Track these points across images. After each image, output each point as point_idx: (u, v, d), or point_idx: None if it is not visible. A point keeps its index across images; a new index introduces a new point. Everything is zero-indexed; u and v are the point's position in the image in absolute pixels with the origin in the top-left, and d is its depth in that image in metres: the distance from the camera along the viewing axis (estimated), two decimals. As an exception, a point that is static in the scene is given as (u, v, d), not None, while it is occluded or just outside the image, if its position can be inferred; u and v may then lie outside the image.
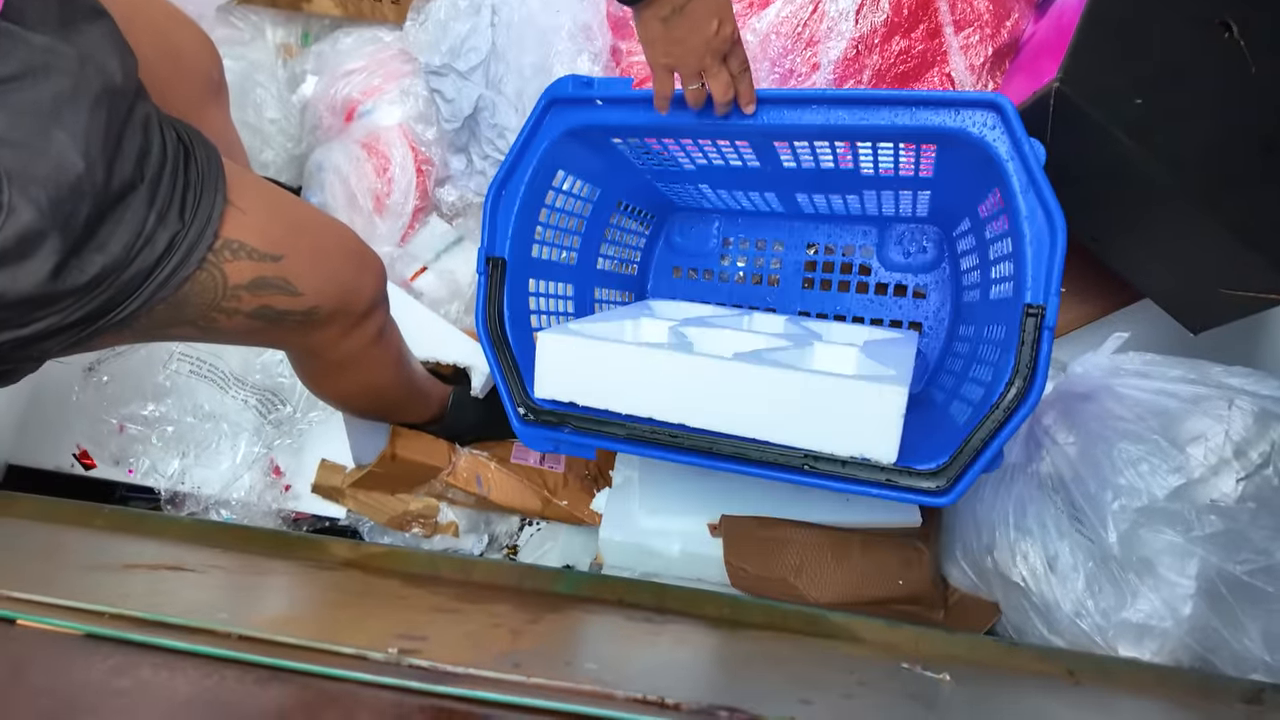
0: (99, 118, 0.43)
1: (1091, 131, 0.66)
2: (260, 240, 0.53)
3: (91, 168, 0.43)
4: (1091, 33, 0.67)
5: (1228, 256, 0.67)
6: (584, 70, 0.85)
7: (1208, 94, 0.70)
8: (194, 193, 0.49)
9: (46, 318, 0.45)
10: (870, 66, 0.84)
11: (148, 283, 0.48)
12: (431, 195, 1.05)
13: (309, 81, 1.05)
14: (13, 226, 0.41)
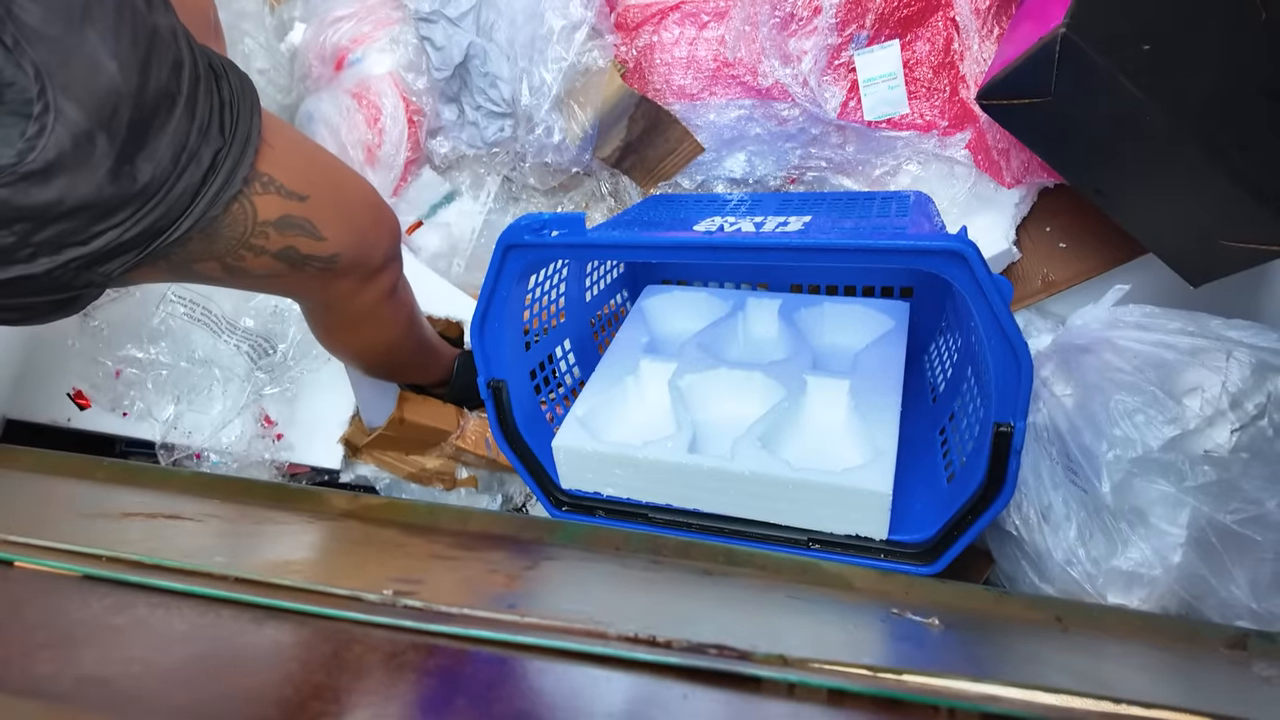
0: (126, 20, 0.43)
1: (1098, 79, 0.64)
2: (288, 177, 0.53)
3: (125, 70, 0.42)
4: None
5: (1230, 207, 0.67)
6: (576, 14, 0.83)
7: (1216, 40, 0.68)
8: (231, 113, 0.49)
9: (106, 232, 0.45)
10: (873, 10, 0.82)
11: (197, 200, 0.48)
12: (423, 146, 1.03)
13: (297, 29, 1.03)
14: (64, 127, 0.41)
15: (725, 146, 0.94)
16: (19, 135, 0.40)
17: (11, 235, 0.43)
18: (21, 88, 0.39)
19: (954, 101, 0.84)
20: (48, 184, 0.41)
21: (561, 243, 0.65)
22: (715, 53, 0.88)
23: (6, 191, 0.41)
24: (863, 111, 0.85)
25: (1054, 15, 0.65)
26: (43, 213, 0.42)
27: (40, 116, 0.40)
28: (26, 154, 0.40)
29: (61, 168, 0.41)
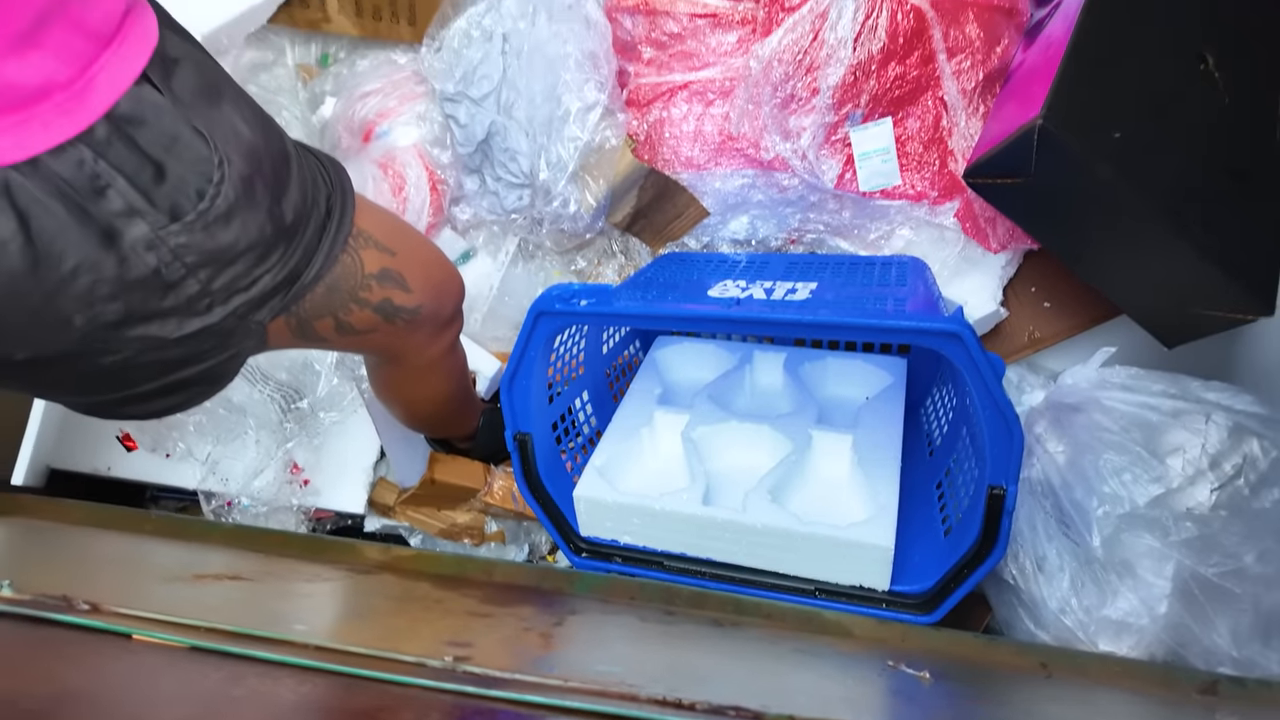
0: (243, 98, 0.51)
1: (1073, 163, 0.70)
2: (380, 233, 0.61)
3: (254, 132, 0.50)
4: (1074, 69, 0.71)
5: (1200, 279, 0.72)
6: (591, 97, 0.89)
7: (1184, 124, 0.74)
8: (325, 171, 0.57)
9: (264, 274, 0.52)
10: (867, 91, 0.88)
11: (323, 239, 0.55)
12: (446, 212, 1.09)
13: (328, 103, 1.09)
14: (235, 174, 0.48)
15: (729, 211, 1.00)
16: (205, 183, 0.47)
17: (197, 283, 0.49)
18: (197, 147, 0.46)
19: (943, 174, 0.90)
20: (228, 226, 0.48)
21: (590, 311, 0.70)
22: (720, 128, 0.95)
23: (200, 236, 0.47)
24: (858, 183, 0.91)
25: (1034, 103, 0.71)
26: (222, 255, 0.49)
27: (219, 167, 0.47)
28: (215, 199, 0.47)
29: (237, 210, 0.48)
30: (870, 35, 0.86)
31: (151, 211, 0.45)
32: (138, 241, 0.45)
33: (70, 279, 0.44)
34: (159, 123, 0.45)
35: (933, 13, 0.86)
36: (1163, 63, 0.76)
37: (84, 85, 0.42)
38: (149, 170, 0.44)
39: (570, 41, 0.87)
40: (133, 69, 0.44)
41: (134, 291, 0.47)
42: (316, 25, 1.06)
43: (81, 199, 0.43)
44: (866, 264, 0.89)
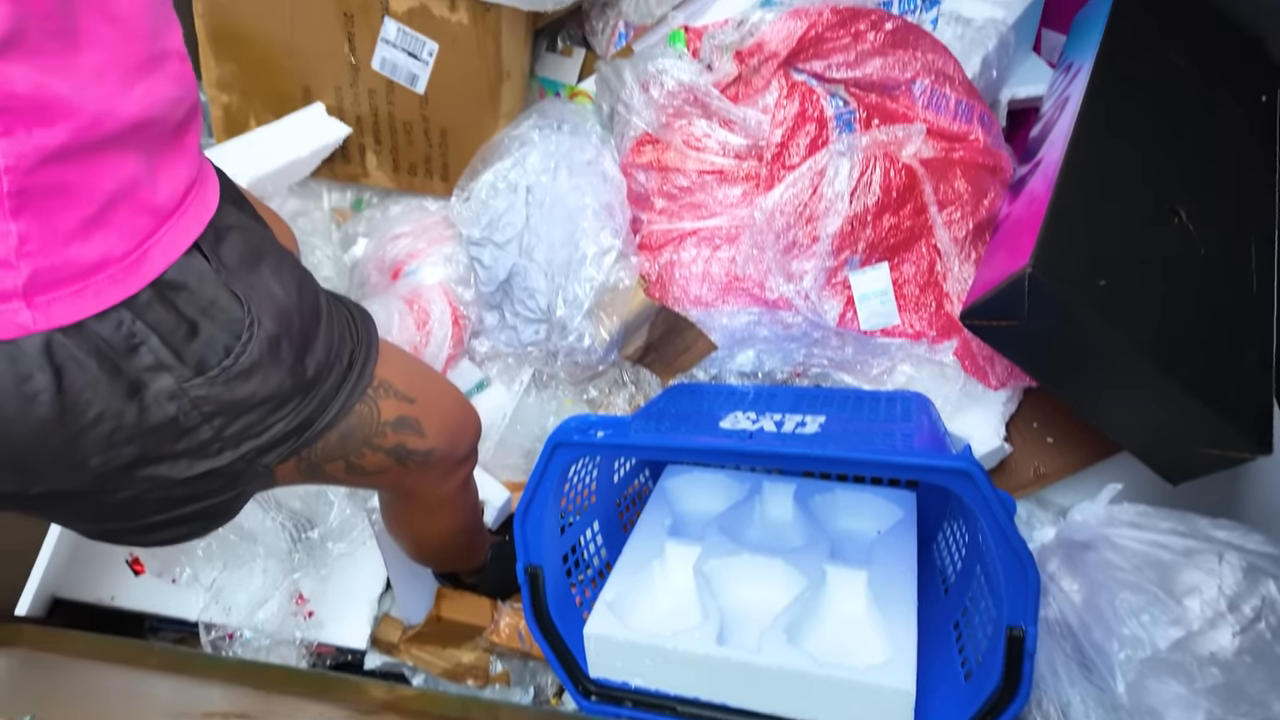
0: (284, 261, 0.55)
1: (1062, 309, 0.74)
2: (400, 381, 0.63)
3: (289, 293, 0.54)
4: (1057, 222, 0.77)
5: (1195, 418, 0.74)
6: (606, 242, 0.96)
7: (1164, 274, 0.78)
8: (353, 325, 0.61)
9: (277, 423, 0.54)
10: (864, 239, 0.95)
11: (339, 392, 0.57)
12: (465, 344, 1.14)
13: (360, 243, 1.17)
14: (262, 335, 0.51)
15: (736, 345, 1.05)
16: (234, 340, 0.50)
17: (210, 430, 0.51)
18: (232, 309, 0.50)
19: (940, 314, 0.95)
20: (249, 380, 0.51)
21: (608, 443, 0.72)
22: (727, 269, 1.00)
23: (221, 389, 0.50)
24: (859, 322, 0.96)
25: (1022, 253, 0.77)
26: (239, 406, 0.51)
27: (249, 328, 0.50)
28: (240, 356, 0.50)
29: (259, 366, 0.51)
30: (865, 190, 0.93)
31: (179, 366, 0.48)
32: (161, 393, 0.48)
33: (92, 425, 0.47)
34: (200, 288, 0.48)
35: (923, 170, 0.93)
36: (1139, 217, 0.82)
37: (139, 257, 0.46)
38: (183, 329, 0.48)
39: (588, 194, 0.94)
40: (186, 241, 0.48)
41: (150, 437, 0.49)
42: (356, 178, 1.15)
43: (116, 356, 0.46)
44: (872, 399, 0.91)
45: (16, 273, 0.42)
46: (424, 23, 0.99)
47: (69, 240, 0.43)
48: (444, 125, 1.08)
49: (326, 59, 1.03)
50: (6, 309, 0.42)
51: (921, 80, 0.96)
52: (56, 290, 0.43)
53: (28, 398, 0.44)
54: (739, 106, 0.96)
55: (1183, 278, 0.79)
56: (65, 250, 0.43)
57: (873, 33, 0.95)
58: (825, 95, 0.95)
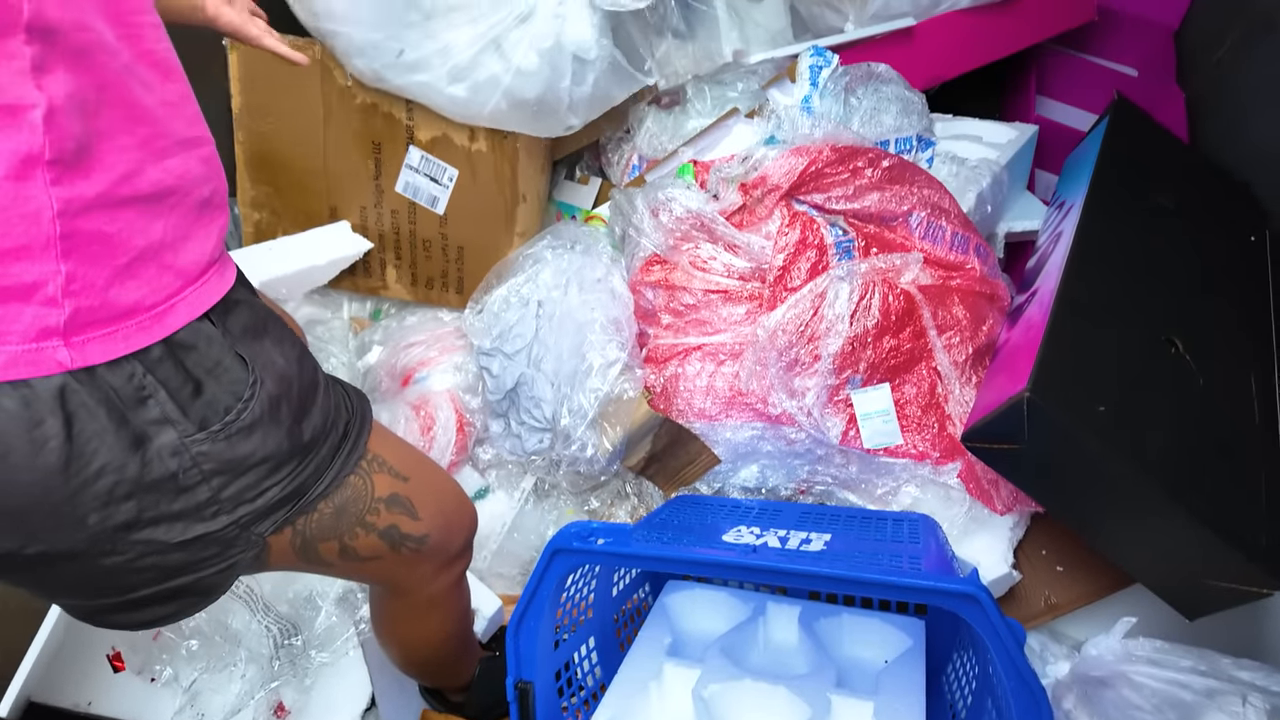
0: (285, 334, 0.58)
1: (1063, 433, 0.74)
2: (395, 459, 0.64)
3: (289, 362, 0.56)
4: (1054, 347, 0.79)
5: (1207, 551, 0.72)
6: (612, 355, 0.98)
7: (1163, 402, 0.79)
8: (349, 400, 0.62)
9: (273, 486, 0.55)
10: (865, 359, 0.97)
11: (334, 460, 0.58)
12: (469, 451, 1.14)
13: (374, 350, 1.20)
14: (264, 395, 0.53)
15: (740, 459, 1.04)
16: (236, 400, 0.52)
17: (208, 490, 0.52)
18: (236, 371, 0.52)
19: (943, 436, 0.95)
20: (249, 438, 0.53)
21: (608, 551, 0.71)
22: (731, 384, 1.02)
23: (222, 445, 0.51)
24: (862, 440, 0.96)
25: (1020, 377, 0.78)
26: (238, 465, 0.53)
27: (252, 387, 0.53)
28: (241, 413, 0.52)
29: (260, 424, 0.53)
30: (865, 313, 0.96)
31: (184, 421, 0.50)
32: (164, 447, 0.49)
33: (95, 479, 0.48)
34: (208, 350, 0.51)
35: (921, 296, 0.96)
36: (1135, 346, 0.83)
37: (165, 310, 0.49)
38: (190, 387, 0.50)
39: (597, 309, 0.98)
40: (205, 304, 0.52)
41: (149, 493, 0.50)
42: (376, 290, 1.21)
43: (125, 407, 0.48)
44: (879, 519, 0.90)
45: (60, 310, 0.45)
46: (445, 150, 1.07)
47: (108, 285, 0.47)
48: (461, 243, 1.14)
49: (354, 182, 1.11)
50: (46, 346, 0.45)
51: (918, 213, 1.01)
52: (92, 330, 0.46)
53: (37, 444, 0.45)
54: (743, 232, 1.01)
55: (1183, 406, 0.80)
56: (105, 293, 0.47)
57: (870, 169, 1.01)
58: (825, 224, 1.00)
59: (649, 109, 1.20)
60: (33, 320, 0.45)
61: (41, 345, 0.45)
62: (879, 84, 1.18)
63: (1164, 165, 1.13)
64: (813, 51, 1.17)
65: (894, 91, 1.17)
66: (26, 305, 0.44)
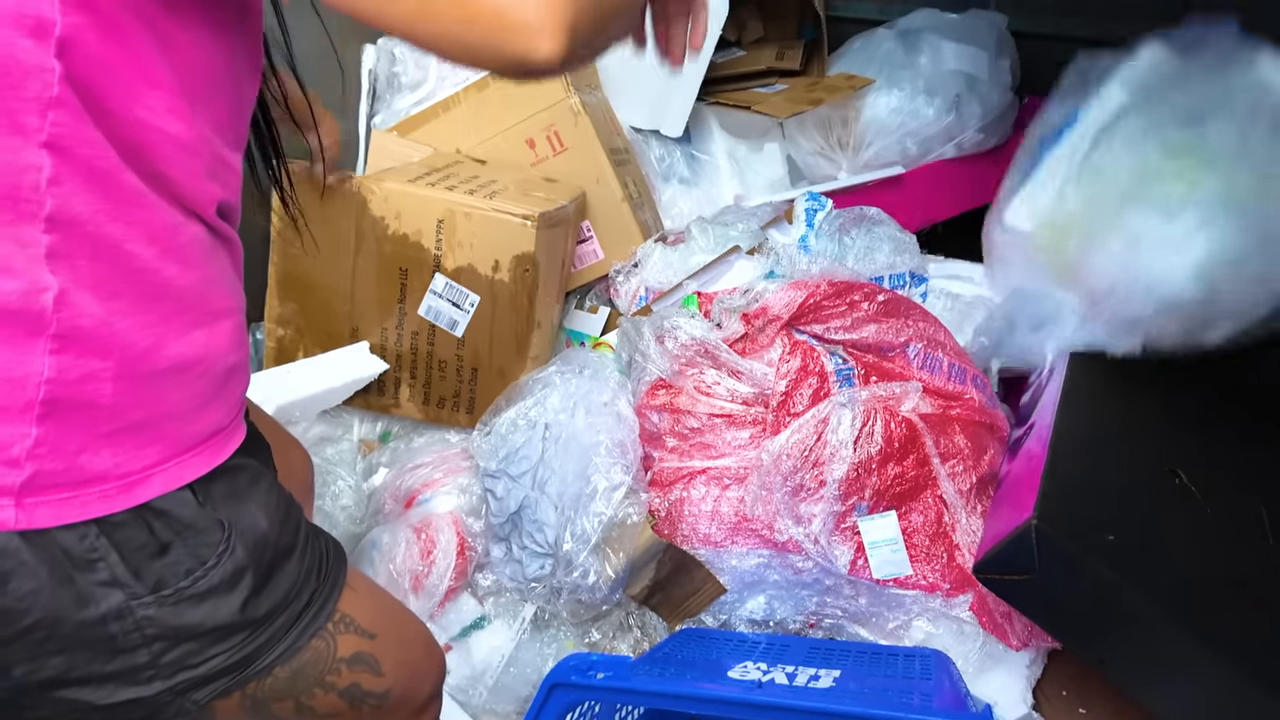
0: (272, 492, 0.55)
1: (1073, 561, 0.74)
2: (364, 618, 0.60)
3: (272, 525, 0.53)
4: (1057, 478, 0.79)
5: (1233, 690, 0.69)
6: (617, 478, 0.99)
7: (1172, 532, 0.79)
8: (325, 562, 0.59)
9: (217, 655, 0.51)
10: (870, 486, 0.97)
11: (290, 631, 0.55)
12: (468, 576, 1.12)
13: (380, 472, 1.21)
14: (230, 563, 0.50)
15: (747, 589, 1.02)
16: (198, 564, 0.49)
17: (147, 654, 0.48)
18: (210, 534, 0.49)
19: (952, 566, 0.93)
20: (199, 606, 0.49)
21: (608, 686, 0.68)
22: (736, 509, 1.02)
23: (169, 610, 0.48)
24: (871, 570, 0.94)
25: (1025, 504, 0.78)
26: (182, 632, 0.49)
27: (220, 554, 0.49)
28: (199, 580, 0.49)
29: (213, 593, 0.50)
30: (868, 439, 0.97)
31: (133, 584, 0.46)
32: (109, 611, 0.46)
33: (25, 633, 0.45)
34: (181, 513, 0.48)
35: (922, 424, 0.98)
36: (1137, 477, 0.84)
37: (136, 480, 0.46)
38: (151, 548, 0.47)
39: (603, 431, 0.99)
40: (189, 477, 0.48)
41: (81, 651, 0.46)
42: (388, 409, 1.23)
43: (72, 567, 0.45)
44: (889, 654, 0.87)
45: (19, 472, 0.43)
46: (470, 279, 1.13)
47: (80, 450, 0.44)
48: (475, 364, 1.17)
49: (378, 305, 1.16)
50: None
51: (914, 344, 1.05)
52: (48, 494, 0.44)
53: None
54: (745, 359, 1.04)
55: (1193, 538, 0.79)
56: (74, 458, 0.44)
57: (866, 303, 1.06)
58: (825, 353, 1.04)
59: (656, 246, 1.27)
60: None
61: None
62: (871, 225, 1.26)
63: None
64: (808, 196, 1.26)
65: (886, 232, 1.25)
66: None
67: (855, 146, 1.43)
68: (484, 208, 1.09)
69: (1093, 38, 1.36)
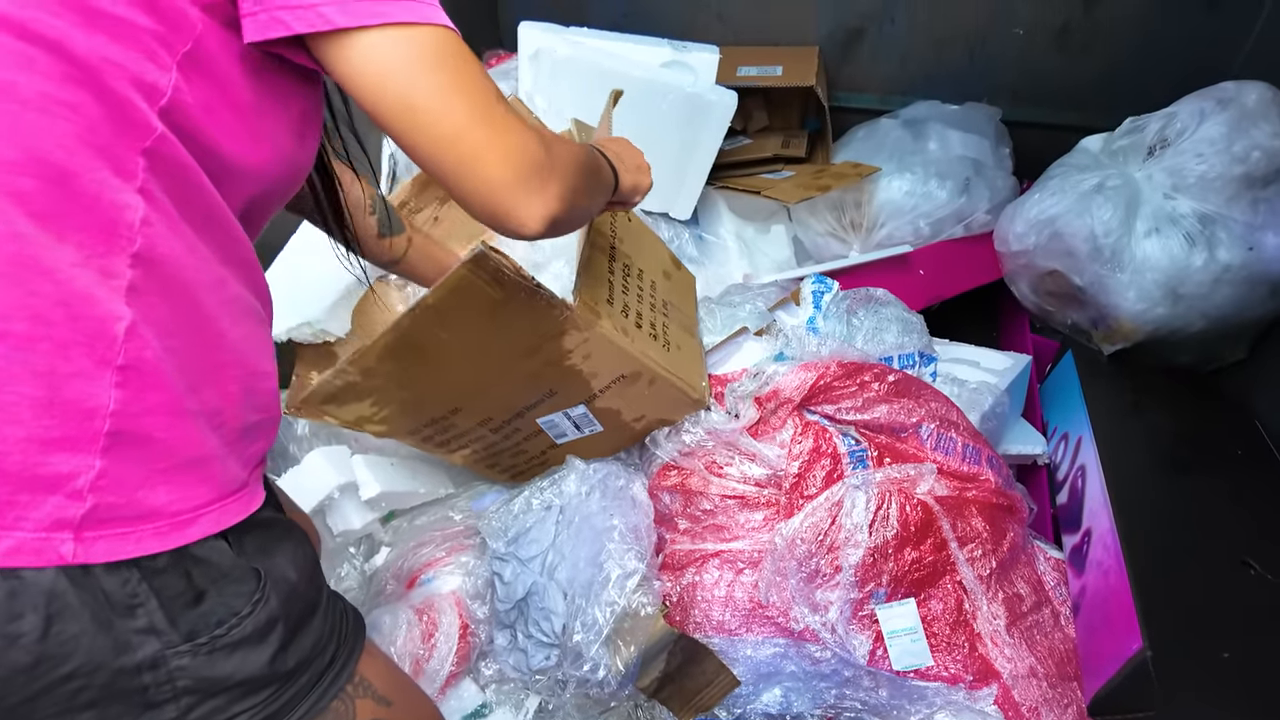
0: (301, 548, 0.57)
1: (1197, 689, 0.68)
2: (381, 684, 0.61)
3: (300, 578, 0.55)
4: (1148, 594, 0.75)
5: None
6: (630, 565, 0.96)
7: (1270, 631, 0.74)
8: (344, 623, 0.60)
9: (242, 712, 0.52)
10: (887, 571, 0.94)
11: (313, 690, 0.56)
12: (470, 661, 1.08)
13: (382, 552, 1.18)
14: (264, 613, 0.51)
15: (762, 680, 0.98)
16: (231, 614, 0.50)
17: (175, 709, 0.49)
18: (246, 583, 0.51)
19: (974, 657, 0.90)
20: (230, 656, 0.50)
21: None
22: (750, 595, 0.99)
23: (200, 660, 0.49)
24: (890, 661, 0.91)
25: (1126, 630, 0.73)
26: (213, 685, 0.50)
27: (255, 603, 0.51)
28: (233, 629, 0.50)
29: (246, 644, 0.51)
30: (884, 523, 0.95)
31: (169, 632, 0.48)
32: (144, 660, 0.47)
33: (61, 682, 0.45)
34: (219, 563, 0.50)
35: (939, 507, 0.96)
36: (1217, 576, 0.81)
37: (188, 520, 0.49)
38: (188, 596, 0.49)
39: (617, 516, 0.98)
40: (229, 521, 0.51)
41: (113, 704, 0.47)
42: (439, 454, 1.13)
43: (112, 612, 0.46)
44: None
45: (81, 505, 0.45)
46: (608, 417, 1.05)
47: (139, 485, 0.47)
48: (551, 460, 1.12)
49: (497, 402, 1.02)
50: (54, 538, 0.44)
51: (927, 424, 1.04)
52: (105, 528, 0.46)
53: (9, 639, 0.43)
54: (758, 441, 1.03)
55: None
56: (133, 493, 0.46)
57: (877, 383, 1.06)
58: (838, 434, 1.03)
59: (665, 325, 1.28)
60: (51, 510, 0.44)
61: (50, 536, 0.44)
62: (878, 306, 1.27)
63: (1149, 387, 1.17)
64: (815, 279, 1.28)
65: (893, 313, 1.26)
66: (51, 495, 0.44)
67: (868, 227, 1.46)
68: (667, 375, 0.99)
69: (1082, 125, 1.43)
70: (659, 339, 1.04)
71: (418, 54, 0.48)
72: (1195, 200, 1.21)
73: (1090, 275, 1.25)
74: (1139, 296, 1.21)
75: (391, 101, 0.48)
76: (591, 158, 0.68)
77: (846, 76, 1.69)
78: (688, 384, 1.03)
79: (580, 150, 0.62)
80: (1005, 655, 0.91)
